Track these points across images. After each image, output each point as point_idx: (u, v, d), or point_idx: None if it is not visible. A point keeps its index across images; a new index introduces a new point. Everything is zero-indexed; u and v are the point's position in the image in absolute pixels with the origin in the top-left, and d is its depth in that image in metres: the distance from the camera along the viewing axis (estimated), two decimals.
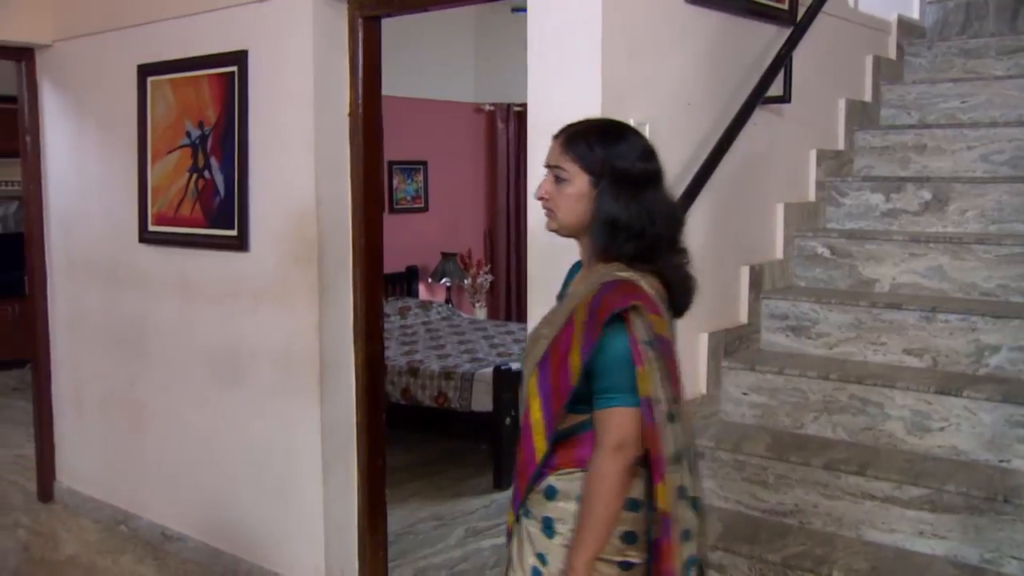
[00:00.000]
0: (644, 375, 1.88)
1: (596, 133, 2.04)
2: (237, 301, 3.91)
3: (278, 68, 3.66)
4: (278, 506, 3.87)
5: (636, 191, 1.97)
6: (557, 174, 2.04)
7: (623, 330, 1.89)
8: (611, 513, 1.90)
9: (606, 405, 1.91)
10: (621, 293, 1.91)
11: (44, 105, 4.80)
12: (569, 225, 2.05)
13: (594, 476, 1.91)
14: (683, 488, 1.96)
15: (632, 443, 1.89)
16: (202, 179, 3.98)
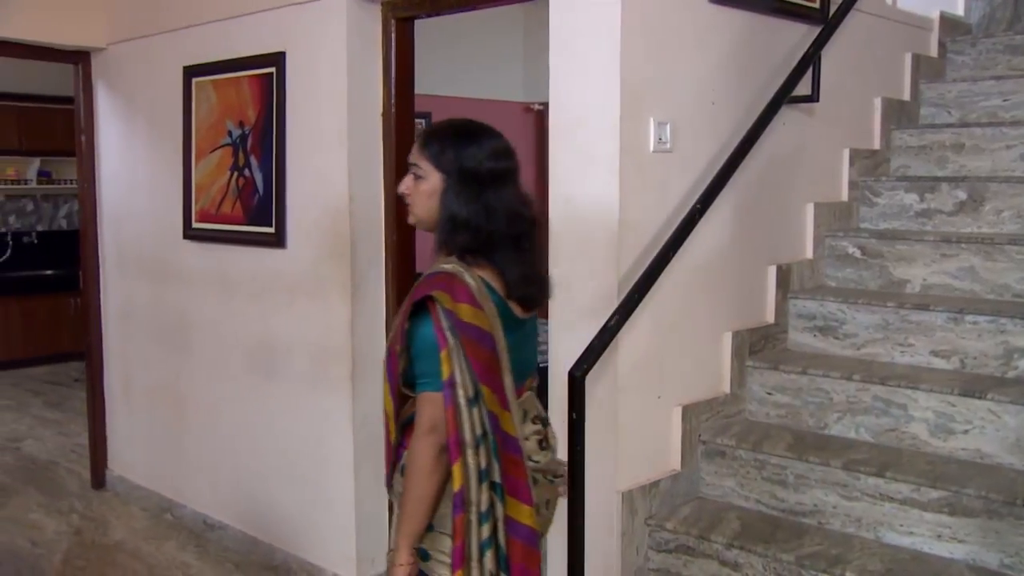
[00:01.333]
0: (446, 359, 1.97)
1: (450, 134, 2.14)
2: (274, 296, 4.00)
3: (314, 69, 3.74)
4: (311, 496, 3.94)
5: (480, 190, 2.07)
6: (415, 172, 2.13)
7: (428, 318, 1.99)
8: (425, 492, 2.00)
9: (420, 390, 2.02)
10: (429, 284, 2.01)
11: (98, 106, 4.96)
12: (424, 219, 2.14)
13: (410, 457, 2.02)
14: (483, 472, 2.00)
15: (442, 425, 1.98)
16: (242, 177, 4.07)
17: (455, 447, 1.97)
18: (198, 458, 4.54)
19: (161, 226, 4.55)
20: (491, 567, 2.02)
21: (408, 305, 2.02)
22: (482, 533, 2.01)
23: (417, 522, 2.02)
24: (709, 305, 3.14)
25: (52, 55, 4.88)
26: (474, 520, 1.99)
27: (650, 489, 2.94)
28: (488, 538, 2.02)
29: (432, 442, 1.99)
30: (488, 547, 2.02)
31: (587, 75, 2.82)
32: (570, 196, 2.89)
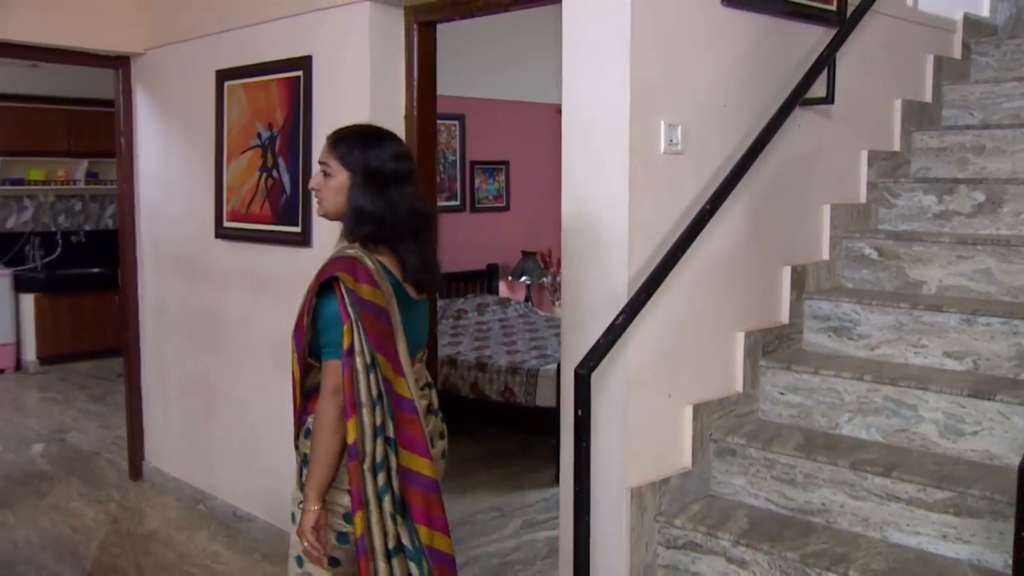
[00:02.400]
0: (347, 332, 2.24)
1: (357, 137, 2.43)
2: (300, 294, 4.04)
3: (338, 72, 3.80)
4: None
5: (383, 187, 2.34)
6: (324, 170, 2.41)
7: (333, 295, 2.27)
8: (329, 447, 2.27)
9: (326, 358, 2.29)
10: (334, 266, 2.29)
11: (137, 109, 5.08)
12: (332, 212, 2.41)
13: (316, 417, 2.30)
14: (379, 427, 2.27)
15: (341, 387, 2.24)
16: (270, 178, 4.16)
17: (350, 406, 2.24)
18: (228, 451, 4.64)
19: (194, 225, 4.65)
20: (389, 509, 2.28)
21: (315, 284, 2.29)
22: (378, 481, 2.27)
23: (324, 474, 2.29)
24: (722, 305, 3.15)
25: (94, 60, 5.02)
26: (367, 469, 2.24)
27: (660, 486, 2.96)
28: (384, 485, 2.28)
29: (336, 403, 2.25)
30: (385, 493, 2.29)
31: (598, 78, 2.84)
32: (582, 196, 2.92)
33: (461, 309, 7.20)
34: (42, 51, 4.80)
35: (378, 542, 2.27)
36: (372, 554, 2.26)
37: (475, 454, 5.77)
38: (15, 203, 8.76)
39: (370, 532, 2.26)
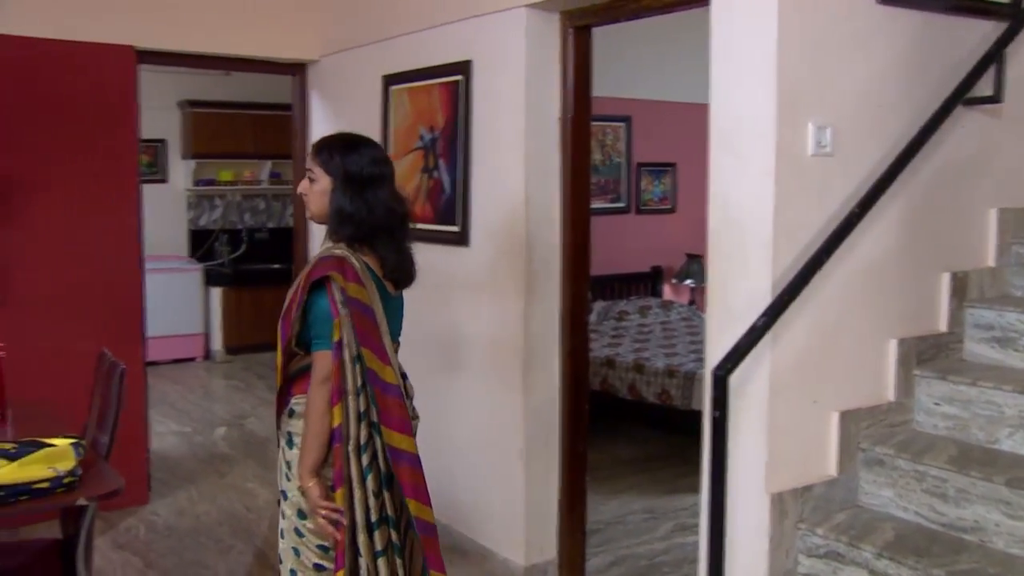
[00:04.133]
0: (337, 326, 2.48)
1: (337, 144, 2.64)
2: (458, 292, 4.26)
3: (496, 76, 3.97)
4: (486, 483, 4.18)
5: (361, 190, 2.56)
6: (309, 176, 2.64)
7: (324, 293, 2.50)
8: (320, 429, 2.50)
9: (315, 348, 2.53)
10: (325, 266, 2.52)
11: (312, 113, 5.44)
12: (318, 215, 2.65)
13: (308, 403, 2.53)
14: (363, 413, 2.52)
15: (329, 377, 2.48)
16: (432, 179, 4.37)
17: (336, 393, 2.48)
18: None
19: None
20: (373, 487, 2.52)
21: (307, 281, 2.52)
22: (363, 461, 2.52)
23: (316, 454, 2.52)
24: (873, 311, 3.10)
25: (276, 68, 5.43)
26: (351, 450, 2.49)
27: (802, 493, 2.95)
28: (368, 464, 2.53)
29: (325, 390, 2.50)
30: (369, 472, 2.53)
31: (744, 79, 2.87)
32: (727, 198, 2.95)
33: (623, 311, 7.27)
34: (232, 61, 5.25)
35: (360, 516, 2.50)
36: (354, 528, 2.49)
37: (629, 456, 5.84)
38: (207, 202, 9.47)
39: (352, 507, 2.49)
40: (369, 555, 2.52)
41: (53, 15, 4.52)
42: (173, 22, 4.85)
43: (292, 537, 2.64)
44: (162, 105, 8.57)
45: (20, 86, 4.49)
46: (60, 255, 4.63)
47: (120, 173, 4.80)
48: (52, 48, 4.53)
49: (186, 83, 8.58)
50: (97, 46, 4.64)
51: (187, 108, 8.87)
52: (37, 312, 4.56)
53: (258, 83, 8.07)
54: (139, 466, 4.87)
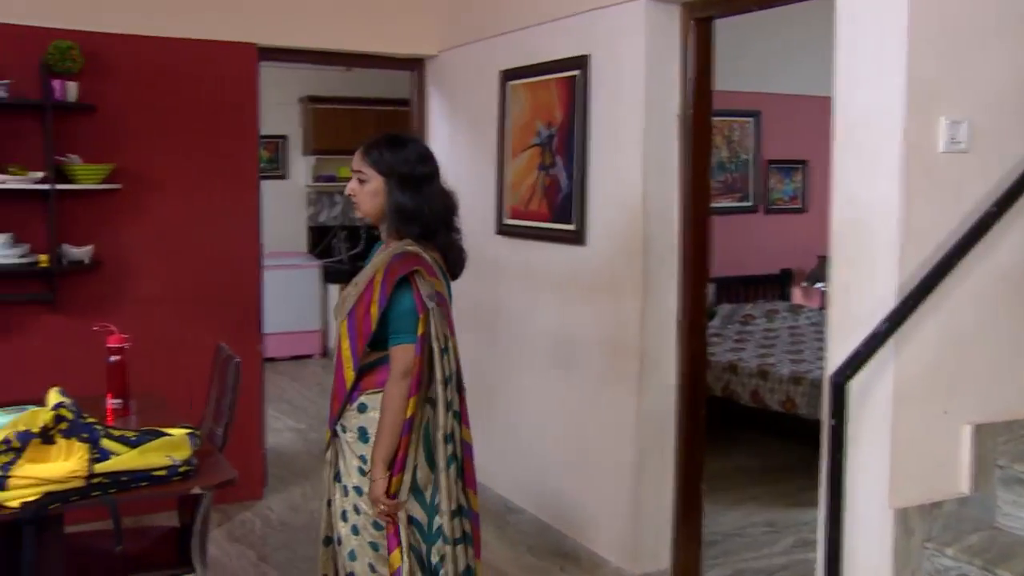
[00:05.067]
0: (423, 320, 2.70)
1: (385, 144, 2.81)
2: (573, 291, 4.31)
3: (614, 71, 3.99)
4: (598, 488, 4.21)
5: (418, 186, 2.75)
6: (359, 177, 2.80)
7: (410, 289, 2.70)
8: (397, 420, 2.69)
9: (396, 342, 2.72)
10: (407, 262, 2.71)
11: (430, 108, 5.58)
12: (370, 214, 2.82)
13: (386, 394, 2.71)
14: (449, 402, 2.78)
15: (411, 370, 2.69)
16: (548, 176, 4.43)
17: (415, 386, 2.69)
18: (503, 444, 4.98)
19: (477, 221, 5.03)
20: (455, 475, 2.82)
21: (391, 279, 2.68)
22: (446, 451, 2.78)
23: (390, 445, 2.70)
24: (1014, 320, 2.99)
25: (394, 63, 5.59)
26: (440, 439, 2.76)
27: (931, 510, 2.88)
28: (451, 455, 2.81)
29: (406, 384, 2.69)
30: (452, 462, 2.81)
31: (871, 72, 2.82)
32: (852, 198, 2.91)
33: (748, 315, 7.18)
34: (351, 57, 5.43)
35: (444, 504, 2.78)
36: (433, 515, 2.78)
37: (751, 465, 5.77)
38: (327, 199, 9.78)
39: (439, 493, 2.78)
40: (450, 541, 2.79)
41: (178, 14, 4.77)
42: (294, 19, 5.05)
43: (352, 516, 2.83)
44: (283, 101, 8.91)
45: (146, 84, 4.75)
46: (181, 251, 4.89)
47: (241, 169, 5.03)
48: (177, 47, 4.78)
49: (308, 79, 8.90)
50: (220, 44, 4.88)
51: (308, 104, 9.17)
52: (159, 307, 4.83)
53: (379, 79, 8.29)
54: (255, 461, 5.09)
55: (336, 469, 2.91)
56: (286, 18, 5.04)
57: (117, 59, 4.65)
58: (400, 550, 2.75)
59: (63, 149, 4.49)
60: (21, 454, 2.50)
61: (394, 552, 2.76)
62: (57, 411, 2.57)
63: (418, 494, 2.79)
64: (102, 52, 4.60)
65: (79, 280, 4.64)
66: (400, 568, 2.76)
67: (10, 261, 4.38)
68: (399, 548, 2.75)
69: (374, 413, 2.77)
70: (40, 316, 4.60)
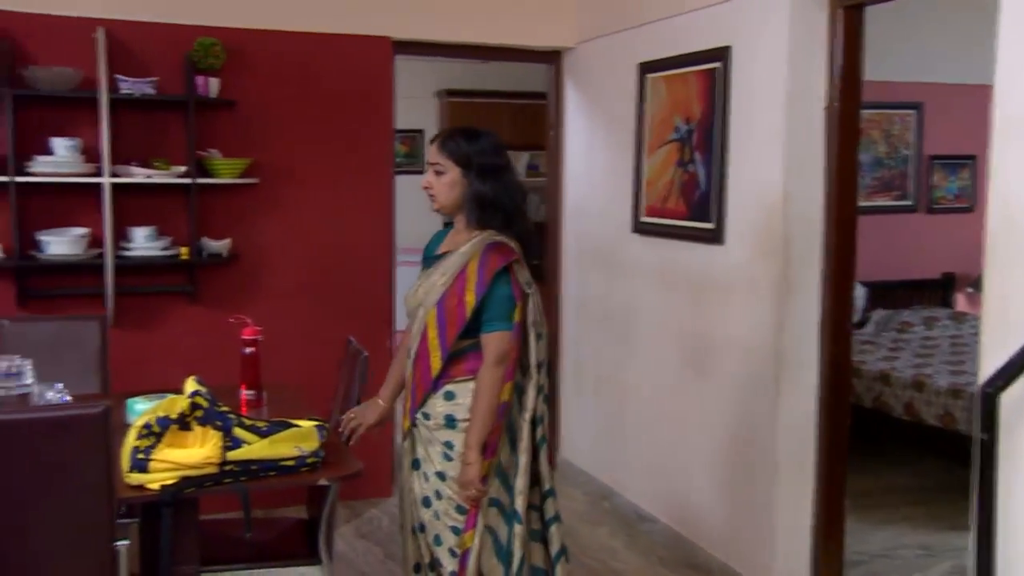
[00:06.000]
0: (520, 308, 2.95)
1: (461, 136, 3.03)
2: (709, 292, 4.33)
3: (756, 63, 4.00)
4: (733, 499, 4.22)
5: (495, 176, 2.98)
6: (436, 169, 3.03)
7: (508, 278, 2.93)
8: (492, 405, 2.92)
9: (490, 330, 2.93)
10: (502, 252, 2.94)
11: (567, 103, 5.68)
12: (448, 205, 3.05)
13: (481, 381, 2.92)
14: (541, 386, 3.04)
15: (508, 356, 2.93)
16: (686, 173, 4.46)
17: (512, 371, 2.94)
18: (635, 449, 5.03)
19: (613, 219, 5.11)
20: (545, 458, 3.07)
21: (494, 267, 2.90)
22: (537, 433, 3.04)
23: (485, 430, 2.91)
24: None
25: (531, 56, 5.72)
26: (527, 421, 3.00)
27: None
28: (542, 436, 3.07)
29: (501, 369, 2.92)
30: (543, 443, 3.07)
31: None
32: (1011, 196, 2.85)
33: (905, 322, 6.99)
34: (487, 50, 5.57)
35: (521, 483, 3.01)
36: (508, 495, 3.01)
37: (905, 483, 5.64)
38: None
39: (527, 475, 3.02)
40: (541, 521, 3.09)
41: (314, 9, 5.02)
42: (429, 12, 5.23)
43: (434, 502, 3.03)
44: (420, 94, 9.16)
45: (283, 79, 5.01)
46: (315, 245, 5.13)
47: (375, 164, 5.24)
48: (313, 41, 5.03)
49: (445, 72, 9.11)
50: (356, 38, 5.09)
51: (444, 98, 9.40)
52: (292, 300, 5.09)
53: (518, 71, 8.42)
54: (383, 458, 5.29)
55: (414, 457, 3.10)
56: (421, 11, 5.22)
57: (256, 55, 4.93)
58: (475, 531, 2.97)
59: (204, 144, 4.80)
60: (161, 439, 2.71)
61: (469, 532, 2.98)
62: (193, 399, 2.78)
63: (500, 476, 3.02)
64: (242, 48, 4.88)
65: (217, 273, 4.94)
66: (470, 548, 2.98)
67: (154, 253, 4.71)
68: (474, 529, 2.98)
69: (462, 400, 2.98)
70: (180, 307, 4.92)
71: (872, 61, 3.95)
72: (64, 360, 3.80)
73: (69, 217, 4.68)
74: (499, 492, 3.04)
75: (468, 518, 2.99)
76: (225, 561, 3.18)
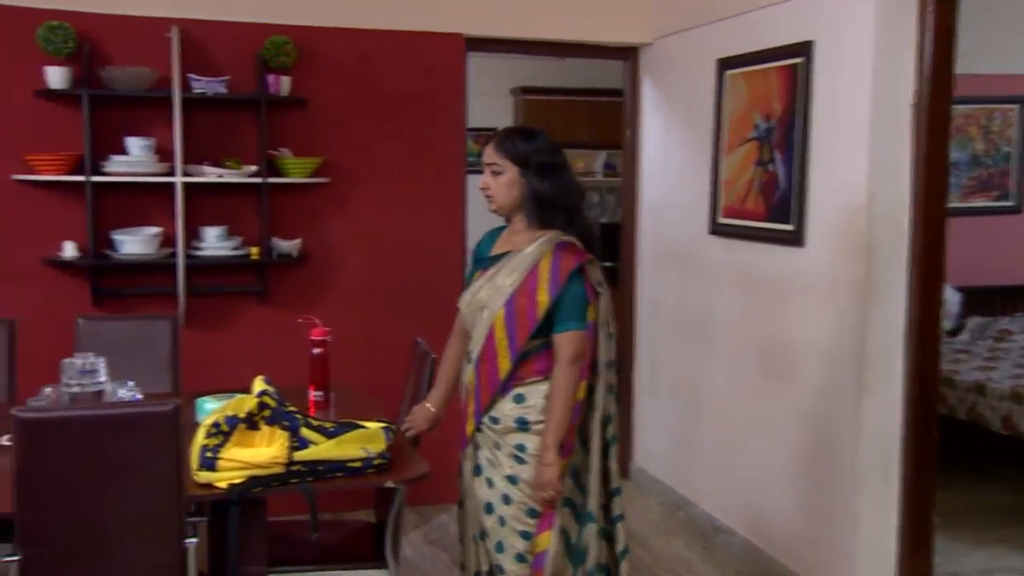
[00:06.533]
0: (593, 308, 3.04)
1: (518, 136, 3.12)
2: (789, 296, 4.33)
3: (840, 58, 3.99)
4: (812, 512, 4.21)
5: (553, 174, 3.07)
6: (493, 169, 3.11)
7: (581, 278, 3.03)
8: (569, 407, 3.00)
9: (563, 330, 3.01)
10: (575, 252, 3.05)
11: (643, 100, 5.72)
12: (506, 206, 3.13)
13: (556, 381, 3.01)
14: (611, 385, 3.16)
15: (582, 356, 3.02)
16: (766, 172, 4.47)
17: (587, 370, 3.04)
18: (711, 458, 5.05)
19: (690, 220, 5.13)
20: (615, 457, 3.17)
21: (568, 267, 2.99)
22: (608, 432, 3.15)
23: (562, 430, 3.00)
24: None
25: (607, 52, 5.78)
26: (598, 419, 3.11)
27: None
28: (613, 435, 3.17)
29: (576, 369, 3.00)
30: (613, 442, 3.17)
31: None
32: None
33: (1004, 330, 6.86)
34: (562, 46, 5.64)
35: (595, 484, 3.12)
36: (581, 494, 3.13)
37: (1002, 502, 5.55)
38: None
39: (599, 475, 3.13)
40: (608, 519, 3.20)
41: (386, 6, 5.14)
42: (503, 8, 5.31)
43: (500, 507, 3.10)
44: (495, 92, 9.24)
45: (354, 77, 5.14)
46: (385, 246, 5.26)
47: (447, 163, 5.34)
48: (385, 39, 5.15)
49: (521, 69, 9.18)
50: (428, 35, 5.20)
51: (520, 95, 9.48)
52: (361, 301, 5.22)
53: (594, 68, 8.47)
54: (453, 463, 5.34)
55: (476, 463, 3.17)
56: (495, 8, 5.31)
57: (327, 53, 5.07)
58: (551, 532, 3.07)
59: (275, 143, 4.95)
60: (229, 438, 2.84)
61: (543, 534, 3.06)
62: (261, 398, 2.89)
63: (574, 476, 3.12)
64: (313, 46, 5.02)
65: (287, 273, 5.09)
66: (547, 550, 3.06)
67: (225, 253, 4.87)
68: (550, 530, 3.07)
69: (533, 402, 3.07)
70: (250, 308, 5.08)
71: (969, 54, 3.92)
72: (136, 359, 3.98)
73: (141, 216, 4.87)
74: (572, 492, 3.14)
75: (542, 520, 3.07)
76: (292, 562, 3.31)
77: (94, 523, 2.67)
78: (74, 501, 2.65)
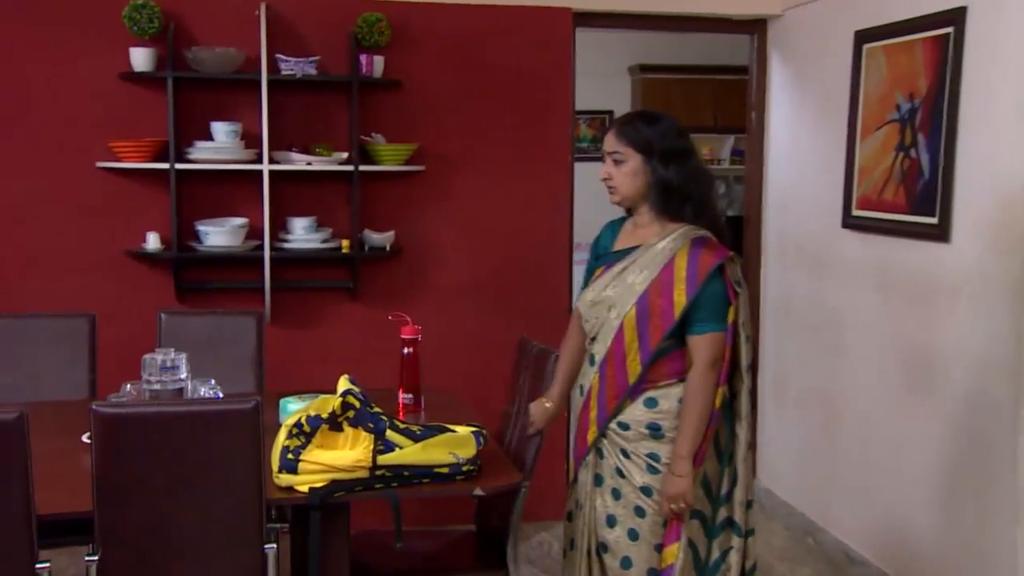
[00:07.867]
0: (734, 308, 3.07)
1: (640, 121, 3.15)
2: (933, 297, 4.26)
3: (997, 25, 3.88)
4: (962, 543, 4.12)
5: (680, 161, 3.10)
6: (615, 158, 3.15)
7: (721, 276, 3.06)
8: (706, 413, 3.05)
9: (702, 331, 3.06)
10: (715, 248, 3.09)
11: (771, 79, 5.69)
12: (630, 196, 3.17)
13: (692, 385, 3.06)
14: (751, 389, 3.18)
15: (721, 359, 3.06)
16: (908, 159, 4.41)
17: (724, 375, 3.08)
18: (845, 479, 4.99)
19: (821, 212, 5.09)
20: (751, 464, 3.23)
21: (709, 265, 3.03)
22: (746, 438, 3.18)
23: (698, 438, 3.05)
24: None
25: (729, 26, 5.75)
26: (743, 430, 3.17)
27: None
28: (748, 443, 3.20)
29: (715, 372, 3.06)
30: (749, 450, 3.21)
31: None
32: None
33: None
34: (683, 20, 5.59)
35: (740, 494, 3.19)
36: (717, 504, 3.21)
37: None
38: None
39: (735, 484, 3.19)
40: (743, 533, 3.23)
41: None
42: None
43: (629, 520, 3.17)
44: (610, 71, 9.24)
45: (451, 57, 5.23)
46: (485, 238, 5.34)
47: (553, 149, 5.39)
48: (484, 14, 5.22)
49: (639, 45, 9.16)
50: (532, 9, 5.26)
51: (637, 74, 9.45)
52: (460, 298, 5.32)
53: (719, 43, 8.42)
54: (558, 476, 5.42)
55: (597, 471, 3.21)
56: None
57: (423, 31, 5.17)
58: (677, 545, 3.11)
59: (367, 128, 5.07)
60: (311, 439, 2.94)
61: (671, 547, 3.10)
62: (345, 398, 2.99)
63: (705, 486, 3.18)
64: (408, 24, 5.12)
65: (379, 268, 5.21)
66: (674, 564, 3.11)
67: (313, 246, 5.01)
68: (677, 543, 3.11)
69: (666, 406, 3.13)
70: (340, 304, 5.22)
71: None
72: (220, 356, 4.15)
73: (226, 206, 5.05)
74: (702, 504, 3.20)
75: (668, 532, 3.14)
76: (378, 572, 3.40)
77: (172, 523, 2.80)
78: (152, 500, 2.79)
